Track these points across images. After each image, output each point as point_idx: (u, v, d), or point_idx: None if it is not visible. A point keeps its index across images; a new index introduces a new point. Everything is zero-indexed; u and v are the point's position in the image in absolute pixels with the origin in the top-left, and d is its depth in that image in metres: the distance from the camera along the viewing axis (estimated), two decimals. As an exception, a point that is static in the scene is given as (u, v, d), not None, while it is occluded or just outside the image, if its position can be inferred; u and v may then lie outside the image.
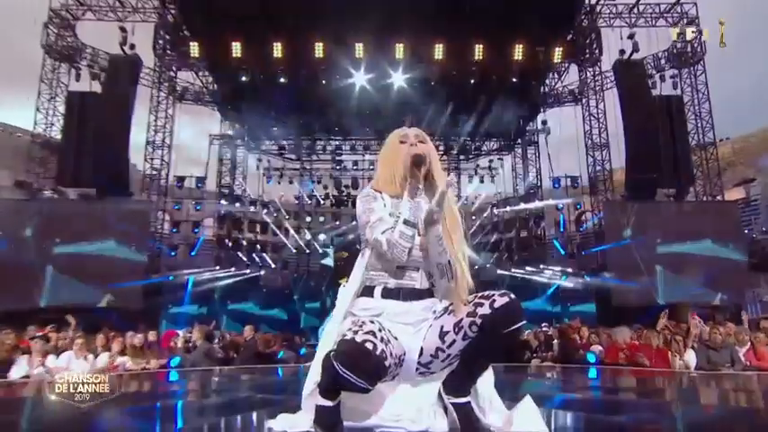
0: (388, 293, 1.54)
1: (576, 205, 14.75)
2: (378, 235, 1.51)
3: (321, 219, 16.57)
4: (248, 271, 14.86)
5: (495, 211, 15.96)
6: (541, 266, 14.08)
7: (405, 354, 1.47)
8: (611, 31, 12.75)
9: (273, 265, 15.78)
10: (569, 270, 13.62)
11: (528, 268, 14.09)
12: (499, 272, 13.98)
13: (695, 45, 13.22)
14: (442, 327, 1.48)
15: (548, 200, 15.13)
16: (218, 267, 14.16)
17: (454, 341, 1.45)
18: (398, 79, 12.35)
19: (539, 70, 13.30)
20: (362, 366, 1.31)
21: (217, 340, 7.67)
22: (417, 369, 1.50)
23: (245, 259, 15.09)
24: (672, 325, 6.68)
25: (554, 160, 14.56)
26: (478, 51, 11.73)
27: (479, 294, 1.47)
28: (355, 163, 16.58)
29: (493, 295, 1.45)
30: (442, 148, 15.61)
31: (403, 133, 1.70)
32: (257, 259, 15.46)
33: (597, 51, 13.25)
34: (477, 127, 14.55)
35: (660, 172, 12.52)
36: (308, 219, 16.77)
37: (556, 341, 7.10)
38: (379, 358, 1.34)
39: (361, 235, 1.55)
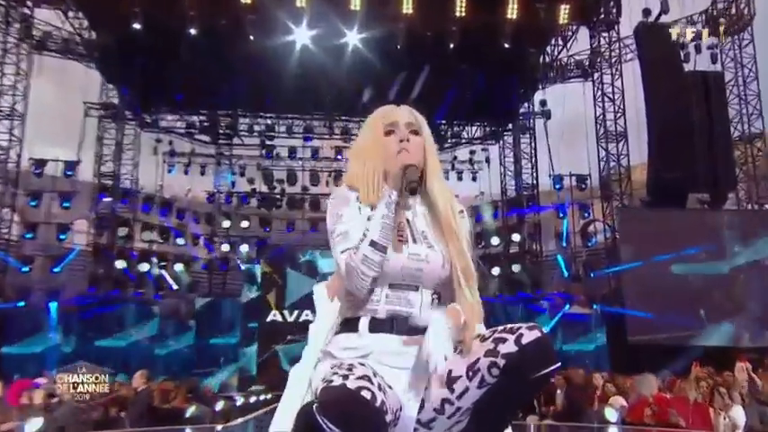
0: (377, 326, 1.52)
1: (582, 212, 14.93)
2: (337, 253, 1.51)
3: (244, 224, 16.32)
4: (138, 294, 14.77)
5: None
6: (538, 293, 14.12)
7: (400, 409, 1.47)
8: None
9: (175, 286, 15.47)
10: (571, 296, 14.11)
11: (520, 293, 14.24)
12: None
13: (741, 6, 13.73)
14: (450, 371, 1.49)
15: (546, 204, 15.45)
16: (94, 289, 13.88)
17: (467, 389, 1.47)
18: (353, 39, 12.45)
19: (538, 34, 13.49)
20: (358, 421, 1.31)
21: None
22: (416, 430, 1.51)
23: (133, 278, 14.80)
24: (712, 373, 6.91)
25: (555, 153, 14.79)
26: (460, 6, 11.80)
27: (500, 328, 1.48)
28: (292, 151, 16.53)
29: (519, 329, 1.45)
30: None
31: (390, 119, 1.64)
32: (151, 278, 15.18)
33: (615, 11, 13.68)
34: (455, 107, 14.74)
35: (693, 171, 12.96)
36: (226, 223, 16.53)
37: (560, 391, 7.12)
38: (379, 412, 1.34)
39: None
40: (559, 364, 1.48)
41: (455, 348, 1.50)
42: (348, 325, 1.57)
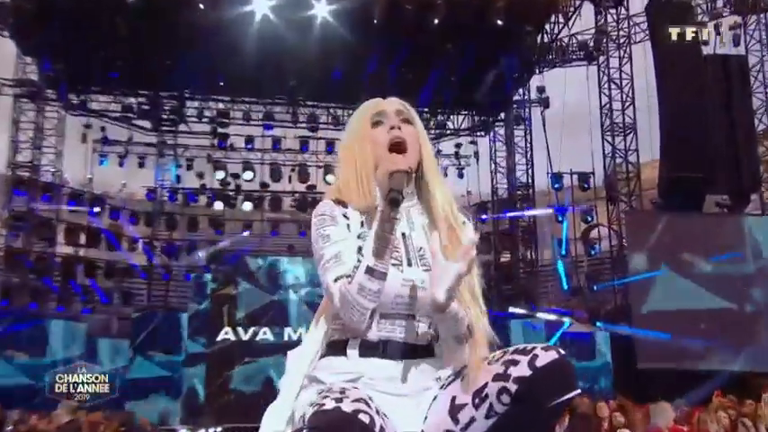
0: (368, 350, 1.55)
1: (585, 216, 14.98)
2: (329, 281, 1.52)
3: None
4: (62, 308, 14.42)
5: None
6: (532, 308, 14.15)
7: None
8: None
9: (107, 300, 15.20)
10: (570, 312, 14.05)
11: (513, 309, 14.00)
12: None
13: None
14: (453, 399, 1.52)
15: (543, 207, 15.56)
16: (6, 302, 13.54)
17: (473, 420, 1.49)
18: (322, 11, 12.44)
19: (535, 9, 13.58)
20: None
21: (10, 429, 7.64)
22: None
23: (56, 289, 14.52)
24: (734, 403, 7.18)
25: (554, 147, 14.75)
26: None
27: (511, 349, 1.51)
28: (249, 140, 16.29)
29: (533, 349, 1.47)
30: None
31: (377, 109, 1.70)
32: (78, 290, 14.89)
33: None
34: (439, 92, 14.70)
35: (711, 169, 13.11)
36: (169, 225, 16.35)
37: (559, 426, 6.88)
38: None
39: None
40: (579, 390, 1.49)
41: (460, 375, 1.53)
42: (335, 348, 1.59)
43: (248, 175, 16.04)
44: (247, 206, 16.08)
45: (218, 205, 16.45)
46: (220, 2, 12.15)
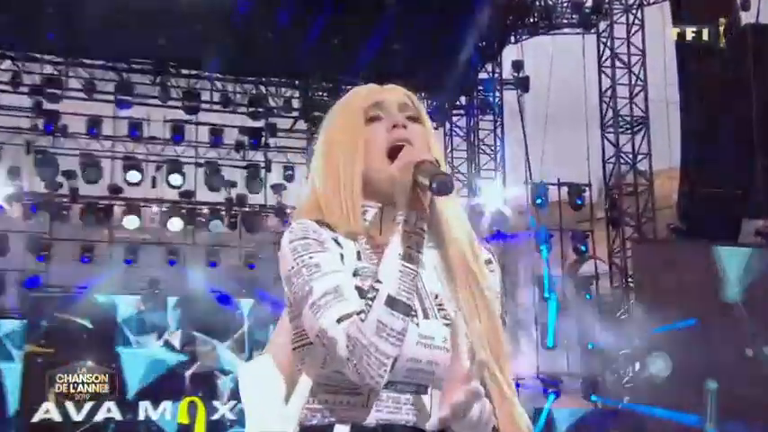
0: None
1: (577, 245, 14.48)
2: (327, 324, 1.46)
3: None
4: None
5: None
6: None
7: None
8: None
9: None
10: (557, 382, 13.84)
11: None
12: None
13: None
14: None
15: (519, 231, 15.19)
16: None
17: None
18: None
19: None
20: None
21: None
22: None
23: None
24: None
25: (535, 147, 14.77)
26: None
27: None
28: (95, 123, 14.97)
29: None
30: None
31: (374, 99, 1.71)
32: None
33: None
34: (379, 68, 13.63)
35: (750, 184, 13.16)
36: None
37: None
38: None
39: (290, 314, 1.64)
40: None
41: None
42: None
43: (92, 173, 14.70)
44: (132, 222, 15.04)
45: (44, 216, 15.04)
46: None
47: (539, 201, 14.34)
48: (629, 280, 13.72)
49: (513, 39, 15.24)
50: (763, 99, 13.06)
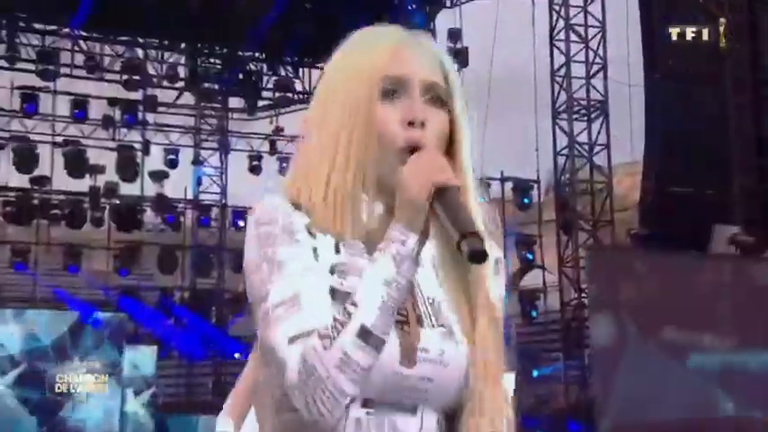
0: None
1: (522, 251, 14.28)
2: (278, 341, 1.29)
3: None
4: None
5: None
6: None
7: None
8: None
9: None
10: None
11: None
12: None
13: None
14: None
15: None
16: None
17: None
18: None
19: None
20: None
21: None
22: None
23: None
24: None
25: (475, 134, 13.12)
26: None
27: None
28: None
29: None
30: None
31: (395, 70, 1.38)
32: None
33: None
34: (279, 31, 14.09)
35: (723, 185, 12.81)
36: None
37: None
38: None
39: (255, 324, 1.41)
40: None
41: None
42: None
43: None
44: None
45: None
46: None
47: (479, 199, 13.12)
48: (583, 294, 12.85)
49: (448, 2, 14.79)
50: (737, 98, 12.79)
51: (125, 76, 14.19)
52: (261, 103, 16.22)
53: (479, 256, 1.18)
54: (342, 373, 1.23)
